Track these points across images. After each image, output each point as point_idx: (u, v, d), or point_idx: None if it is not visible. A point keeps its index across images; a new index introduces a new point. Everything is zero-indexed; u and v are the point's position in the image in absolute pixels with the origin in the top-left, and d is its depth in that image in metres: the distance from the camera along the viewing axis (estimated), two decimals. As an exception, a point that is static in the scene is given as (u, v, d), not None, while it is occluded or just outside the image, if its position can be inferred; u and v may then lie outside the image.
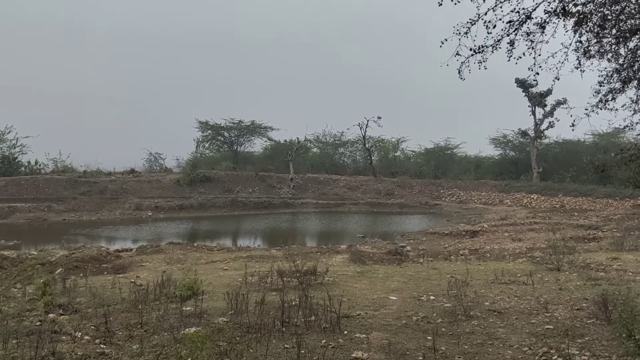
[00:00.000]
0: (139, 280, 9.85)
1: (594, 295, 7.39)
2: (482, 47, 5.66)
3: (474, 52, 5.67)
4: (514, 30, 5.51)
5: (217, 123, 48.11)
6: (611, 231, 19.71)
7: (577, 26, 5.65)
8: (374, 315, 7.07)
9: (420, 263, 12.48)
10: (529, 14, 5.33)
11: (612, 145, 35.94)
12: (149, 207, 31.90)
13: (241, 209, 34.20)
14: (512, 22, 5.43)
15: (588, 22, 5.52)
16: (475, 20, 5.48)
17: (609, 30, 5.74)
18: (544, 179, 41.68)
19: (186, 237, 22.50)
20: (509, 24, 5.44)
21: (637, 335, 5.01)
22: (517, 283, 9.25)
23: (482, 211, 33.84)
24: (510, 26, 5.46)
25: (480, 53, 5.69)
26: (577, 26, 5.65)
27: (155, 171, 43.92)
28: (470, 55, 5.70)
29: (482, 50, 5.68)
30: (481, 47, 5.65)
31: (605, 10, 5.58)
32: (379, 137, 51.32)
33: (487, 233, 22.43)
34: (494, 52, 5.70)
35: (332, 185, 41.28)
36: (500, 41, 5.61)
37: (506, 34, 5.53)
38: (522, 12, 5.32)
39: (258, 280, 9.36)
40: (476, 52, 5.67)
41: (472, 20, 5.49)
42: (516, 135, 46.96)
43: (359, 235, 23.44)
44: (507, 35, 5.54)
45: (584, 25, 5.57)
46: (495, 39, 5.60)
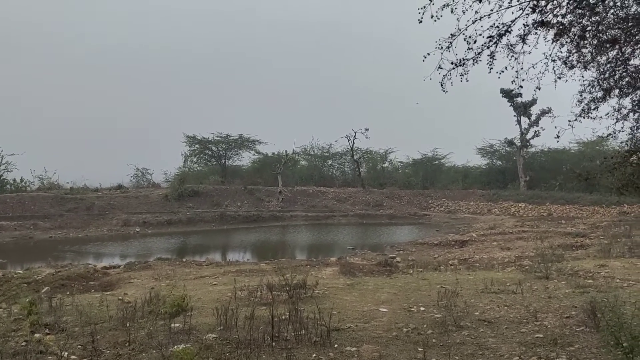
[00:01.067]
0: (126, 298, 9.73)
1: (583, 303, 7.42)
2: (463, 61, 5.73)
3: (456, 65, 5.74)
4: (494, 44, 5.59)
5: (204, 137, 48.10)
6: (598, 238, 19.87)
7: (557, 37, 5.75)
8: (365, 328, 7.04)
9: (410, 274, 12.47)
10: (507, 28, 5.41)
11: (597, 153, 36.43)
12: (136, 223, 31.67)
13: (230, 223, 34.06)
14: (492, 37, 5.51)
15: (568, 33, 5.62)
16: (457, 35, 5.56)
17: (589, 40, 5.85)
18: (531, 188, 42.04)
19: (175, 253, 22.35)
20: (489, 38, 5.52)
21: (625, 344, 5.02)
22: (506, 292, 9.27)
23: (470, 221, 34.00)
24: (490, 40, 5.54)
25: (461, 66, 5.76)
26: (557, 37, 5.75)
27: (143, 186, 43.68)
28: (452, 68, 5.77)
29: (464, 63, 5.75)
30: (462, 61, 5.72)
31: (585, 22, 5.69)
32: (367, 148, 51.61)
33: (476, 242, 22.53)
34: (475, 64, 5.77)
35: (321, 197, 41.28)
36: (480, 54, 5.68)
37: (486, 47, 5.61)
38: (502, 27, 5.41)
39: (247, 295, 9.29)
40: (457, 65, 5.74)
41: (453, 35, 5.57)
42: (502, 145, 47.44)
43: (349, 247, 23.42)
44: (488, 48, 5.62)
45: (564, 36, 5.67)
46: (476, 52, 5.68)
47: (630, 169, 6.56)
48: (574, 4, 5.31)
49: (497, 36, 5.54)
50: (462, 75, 5.89)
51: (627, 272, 11.27)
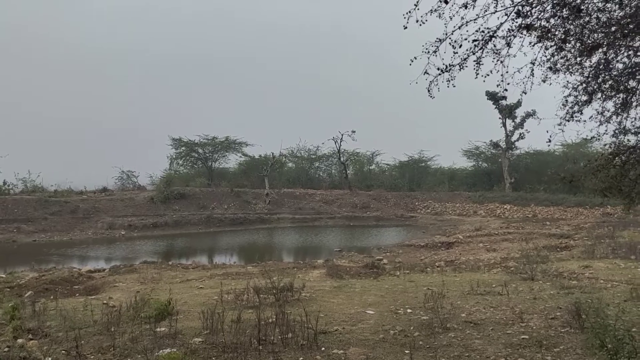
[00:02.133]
0: (111, 302, 9.64)
1: (567, 304, 7.49)
2: (450, 66, 5.75)
3: (442, 71, 5.77)
4: (480, 49, 5.63)
5: (190, 140, 47.90)
6: (582, 239, 20.08)
7: (540, 39, 5.80)
8: (352, 331, 7.04)
9: (396, 276, 12.51)
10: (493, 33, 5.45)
11: (581, 155, 36.85)
12: (122, 226, 31.38)
13: (217, 226, 33.90)
14: (477, 41, 5.54)
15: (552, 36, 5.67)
16: (443, 39, 5.58)
17: (572, 44, 5.92)
18: (516, 189, 42.42)
19: (161, 256, 22.18)
20: (475, 42, 5.55)
21: (609, 345, 5.08)
22: (492, 294, 9.33)
23: (457, 222, 34.19)
24: (476, 45, 5.58)
25: (448, 72, 5.78)
26: (540, 39, 5.80)
27: (128, 189, 43.29)
28: (439, 74, 5.80)
29: (450, 69, 5.77)
30: (449, 66, 5.75)
31: (568, 25, 5.75)
32: (354, 150, 51.79)
33: (462, 244, 22.65)
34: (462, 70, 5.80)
35: (308, 199, 41.26)
36: (467, 59, 5.71)
37: (472, 52, 5.64)
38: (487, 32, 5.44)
39: (234, 298, 9.25)
40: (444, 71, 5.76)
41: (440, 40, 5.59)
42: (488, 147, 47.83)
43: (336, 250, 23.41)
44: (474, 53, 5.65)
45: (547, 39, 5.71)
46: (462, 58, 5.70)
47: (614, 171, 6.64)
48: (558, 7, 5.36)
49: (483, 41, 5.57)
50: (449, 81, 5.91)
51: (610, 272, 11.40)
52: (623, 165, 6.56)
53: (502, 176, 44.56)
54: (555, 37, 5.65)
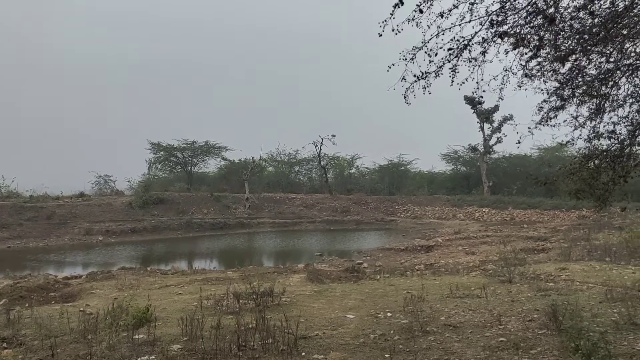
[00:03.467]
0: (88, 309, 9.49)
1: (544, 306, 7.59)
2: (426, 74, 5.83)
3: (418, 78, 5.83)
4: (455, 57, 5.71)
5: (169, 144, 47.54)
6: (559, 242, 20.40)
7: (515, 46, 5.91)
8: (332, 335, 7.03)
9: (377, 280, 12.55)
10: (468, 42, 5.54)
11: (557, 159, 37.51)
12: (99, 232, 30.95)
13: (196, 231, 33.64)
14: (452, 50, 5.62)
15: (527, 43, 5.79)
16: (420, 48, 5.65)
17: (547, 50, 6.04)
18: (494, 193, 42.96)
19: (139, 262, 21.91)
20: (450, 51, 5.63)
21: (584, 349, 5.17)
22: (471, 296, 9.42)
23: (436, 226, 34.47)
24: (451, 53, 5.66)
25: (424, 79, 5.85)
26: (515, 46, 5.91)
27: (106, 194, 42.73)
28: (415, 81, 5.86)
29: (426, 76, 5.84)
30: (425, 74, 5.82)
31: (543, 33, 5.87)
32: (334, 154, 51.95)
33: (441, 247, 22.84)
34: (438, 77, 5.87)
35: (288, 204, 41.20)
36: (442, 67, 5.79)
37: (447, 60, 5.72)
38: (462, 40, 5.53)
39: (214, 304, 9.18)
40: (420, 78, 5.83)
41: (416, 48, 5.65)
42: (466, 151, 48.39)
43: (316, 254, 23.41)
44: (449, 61, 5.73)
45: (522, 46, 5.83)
46: (438, 65, 5.77)
47: (587, 174, 6.78)
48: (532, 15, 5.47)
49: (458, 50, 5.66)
50: (425, 88, 5.98)
51: (586, 274, 11.60)
52: (596, 169, 6.71)
53: (480, 180, 45.09)
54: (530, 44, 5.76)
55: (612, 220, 25.99)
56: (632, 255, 14.02)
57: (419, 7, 5.12)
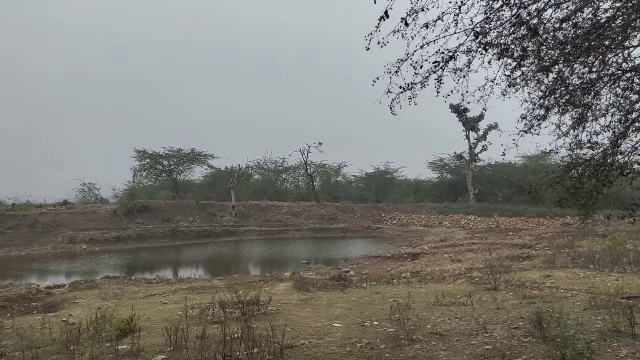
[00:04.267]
0: (71, 319, 9.35)
1: (530, 313, 7.62)
2: (412, 85, 5.87)
3: (404, 89, 5.87)
4: (441, 68, 5.76)
5: (155, 151, 47.21)
6: (543, 249, 20.57)
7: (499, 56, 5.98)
8: (318, 344, 7.00)
9: (363, 288, 12.53)
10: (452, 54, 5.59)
11: (541, 167, 37.91)
12: (83, 240, 30.60)
13: (182, 239, 33.40)
14: (437, 63, 5.68)
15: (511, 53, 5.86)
16: (404, 60, 5.69)
17: (531, 60, 6.12)
18: (479, 201, 43.26)
19: (124, 270, 21.68)
20: (435, 64, 5.69)
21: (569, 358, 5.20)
22: (457, 304, 9.44)
23: (422, 233, 34.58)
24: (436, 65, 5.71)
25: (410, 90, 5.89)
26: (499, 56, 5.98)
27: (90, 202, 42.32)
28: (401, 92, 5.90)
29: (412, 87, 5.89)
30: (410, 85, 5.86)
31: (526, 43, 5.95)
32: (321, 162, 52.01)
33: (427, 255, 22.90)
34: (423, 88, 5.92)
35: (274, 211, 41.10)
36: (428, 78, 5.83)
37: (433, 72, 5.77)
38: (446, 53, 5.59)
39: (199, 313, 9.09)
40: (406, 89, 5.87)
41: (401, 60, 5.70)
42: (452, 159, 48.70)
43: (303, 262, 23.35)
44: (435, 72, 5.78)
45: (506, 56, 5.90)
46: (424, 76, 5.82)
47: (570, 182, 6.85)
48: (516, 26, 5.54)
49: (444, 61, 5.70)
50: (411, 99, 6.02)
51: (570, 282, 11.70)
52: (579, 178, 6.78)
53: (466, 187, 45.40)
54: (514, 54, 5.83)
55: (596, 227, 26.28)
56: (615, 263, 14.17)
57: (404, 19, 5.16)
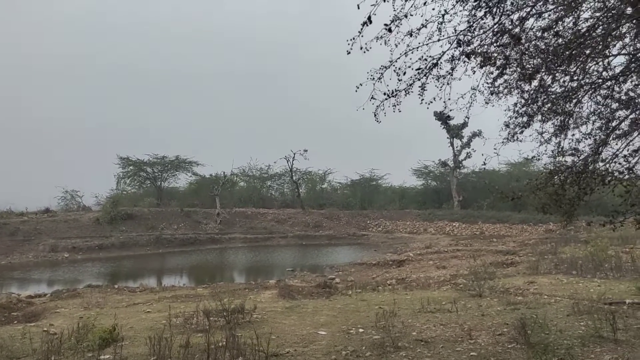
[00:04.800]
0: (52, 329, 9.20)
1: (514, 319, 7.67)
2: (396, 92, 5.89)
3: (388, 96, 5.89)
4: (424, 75, 5.80)
5: (139, 159, 46.79)
6: (527, 255, 20.72)
7: (482, 65, 6.04)
8: (304, 352, 6.96)
9: (349, 295, 12.51)
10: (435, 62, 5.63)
11: (524, 174, 38.30)
12: (65, 248, 30.18)
13: (166, 247, 33.11)
14: (421, 70, 5.71)
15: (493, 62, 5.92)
16: (387, 67, 5.71)
17: (514, 69, 6.19)
18: (464, 207, 43.54)
19: (106, 279, 21.42)
20: (418, 70, 5.72)
21: None
22: (442, 311, 9.46)
23: (407, 240, 34.68)
24: (420, 72, 5.74)
25: (394, 97, 5.91)
26: (482, 65, 6.04)
27: (73, 210, 41.79)
28: (385, 99, 5.91)
29: (396, 94, 5.91)
30: (395, 92, 5.88)
31: (509, 52, 6.02)
32: (306, 169, 52.00)
33: (413, 262, 22.95)
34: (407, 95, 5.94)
35: (260, 219, 40.95)
36: (412, 85, 5.86)
37: (417, 79, 5.80)
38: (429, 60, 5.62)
39: (183, 322, 9.00)
40: (390, 96, 5.89)
41: (384, 67, 5.72)
42: (437, 166, 48.98)
43: (288, 269, 23.27)
44: (419, 79, 5.81)
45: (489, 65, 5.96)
46: (408, 83, 5.84)
47: (552, 189, 6.92)
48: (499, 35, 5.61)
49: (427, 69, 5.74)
50: (395, 106, 6.04)
51: (553, 288, 11.80)
52: (561, 185, 6.86)
53: (450, 194, 45.67)
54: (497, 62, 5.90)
55: (578, 234, 26.57)
56: (597, 269, 14.32)
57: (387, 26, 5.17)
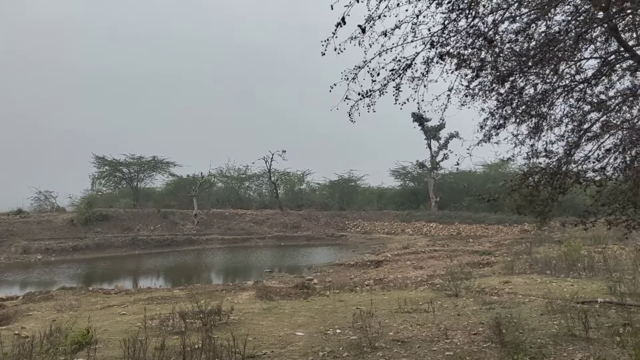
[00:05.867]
0: (24, 332, 9.01)
1: (489, 319, 7.76)
2: (370, 92, 5.89)
3: (362, 96, 5.89)
4: (399, 76, 5.82)
5: (115, 159, 46.06)
6: (502, 256, 21.01)
7: (458, 67, 6.10)
8: (281, 354, 6.94)
9: (326, 296, 12.52)
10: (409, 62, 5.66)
11: (500, 175, 38.79)
12: (38, 250, 29.58)
13: (142, 248, 32.68)
14: (394, 70, 5.72)
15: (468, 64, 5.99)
16: (361, 67, 5.71)
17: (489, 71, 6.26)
18: (441, 208, 43.91)
19: (81, 281, 21.07)
20: (392, 71, 5.73)
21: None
22: (419, 311, 9.53)
23: (385, 241, 34.85)
24: (394, 73, 5.76)
25: (368, 97, 5.92)
26: (458, 67, 6.10)
27: (46, 211, 40.99)
28: (359, 99, 5.91)
29: (370, 94, 5.91)
30: (369, 92, 5.89)
31: (484, 54, 6.10)
32: (285, 170, 51.87)
33: (390, 262, 23.08)
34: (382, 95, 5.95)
35: (238, 220, 40.72)
36: (386, 85, 5.88)
37: (391, 79, 5.82)
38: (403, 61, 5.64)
39: (159, 324, 8.90)
40: (364, 96, 5.89)
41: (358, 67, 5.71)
42: (415, 167, 49.29)
43: (266, 270, 23.19)
44: (393, 80, 5.83)
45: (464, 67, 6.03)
46: (382, 84, 5.86)
47: (527, 190, 7.02)
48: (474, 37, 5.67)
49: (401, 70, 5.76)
50: (369, 106, 6.04)
51: (528, 287, 11.98)
52: (536, 186, 6.96)
53: (428, 195, 46.02)
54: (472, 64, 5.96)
55: (552, 234, 27.03)
56: (570, 268, 14.59)
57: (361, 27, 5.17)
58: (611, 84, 6.79)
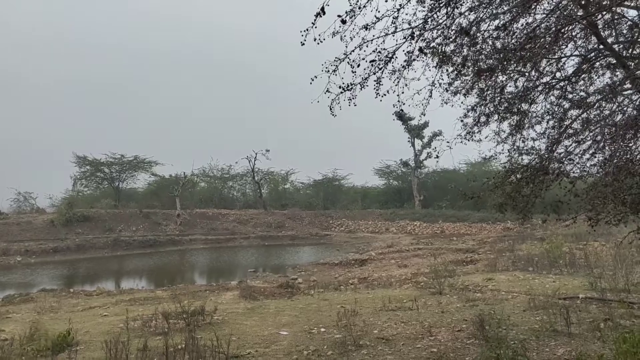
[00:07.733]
0: (3, 335, 8.86)
1: (473, 316, 7.81)
2: (351, 85, 5.85)
3: (343, 90, 5.85)
4: (380, 69, 5.79)
5: (96, 158, 45.49)
6: (486, 253, 21.19)
7: (440, 64, 6.11)
8: (265, 353, 6.90)
9: (311, 295, 12.50)
10: (390, 55, 5.63)
11: (484, 173, 39.08)
12: (18, 252, 29.11)
13: (124, 249, 32.35)
14: (375, 62, 5.69)
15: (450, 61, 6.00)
16: (342, 59, 5.67)
17: (470, 68, 6.28)
18: (425, 207, 44.15)
19: (62, 283, 20.77)
20: (372, 63, 5.70)
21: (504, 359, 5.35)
22: (403, 309, 9.55)
23: (370, 240, 34.94)
24: (375, 65, 5.72)
25: (349, 91, 5.88)
26: (440, 64, 6.11)
27: (25, 212, 40.39)
28: (340, 92, 5.87)
29: (351, 88, 5.87)
30: (350, 85, 5.84)
31: (465, 51, 6.11)
32: (268, 169, 51.74)
33: (375, 261, 23.13)
34: (363, 89, 5.92)
35: (221, 219, 40.51)
36: (367, 79, 5.84)
37: (373, 73, 5.79)
38: (384, 53, 5.61)
39: (141, 325, 8.80)
40: (345, 89, 5.85)
41: (339, 59, 5.67)
42: (398, 166, 49.49)
43: (250, 270, 23.10)
44: (374, 73, 5.80)
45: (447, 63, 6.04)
46: (363, 77, 5.82)
47: (509, 188, 7.06)
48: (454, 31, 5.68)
49: (383, 62, 5.73)
50: (351, 100, 6.00)
51: (511, 284, 12.09)
52: (517, 183, 7.00)
53: (412, 194, 46.24)
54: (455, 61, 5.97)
55: (535, 231, 27.33)
56: (552, 265, 14.76)
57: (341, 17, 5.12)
58: (591, 81, 6.85)
